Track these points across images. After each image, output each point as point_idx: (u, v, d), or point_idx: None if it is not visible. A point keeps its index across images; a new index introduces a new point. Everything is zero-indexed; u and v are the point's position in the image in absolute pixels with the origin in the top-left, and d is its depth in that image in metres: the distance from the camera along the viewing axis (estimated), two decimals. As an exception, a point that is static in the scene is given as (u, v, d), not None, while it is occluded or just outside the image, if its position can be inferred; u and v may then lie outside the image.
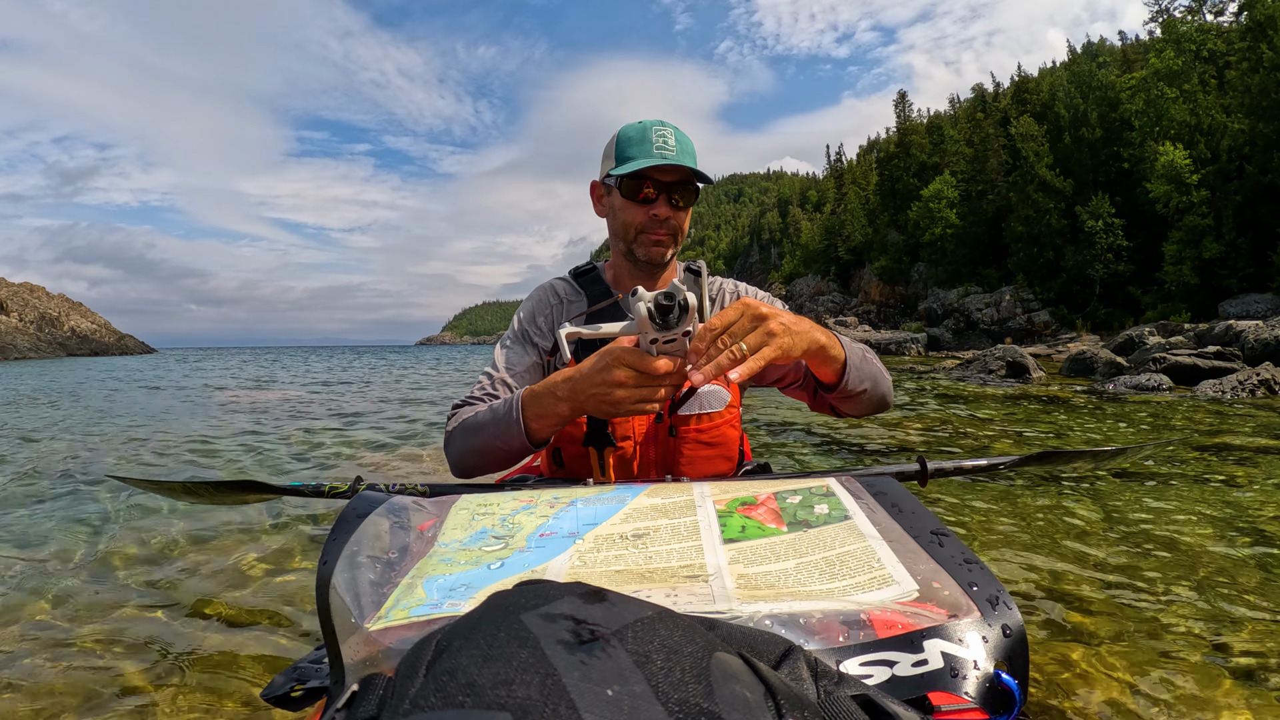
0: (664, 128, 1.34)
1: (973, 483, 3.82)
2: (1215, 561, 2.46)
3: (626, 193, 1.35)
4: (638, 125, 1.36)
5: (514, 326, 1.50)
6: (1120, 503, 3.30)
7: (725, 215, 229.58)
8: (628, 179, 1.33)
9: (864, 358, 1.23)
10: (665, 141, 1.31)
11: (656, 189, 1.33)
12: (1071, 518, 3.04)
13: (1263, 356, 11.84)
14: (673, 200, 1.34)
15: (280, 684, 0.64)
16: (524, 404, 1.17)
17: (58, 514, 3.42)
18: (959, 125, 55.85)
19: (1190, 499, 3.34)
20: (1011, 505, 3.29)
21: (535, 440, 1.19)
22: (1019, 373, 12.41)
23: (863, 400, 1.27)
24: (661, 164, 1.29)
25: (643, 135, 1.33)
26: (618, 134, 1.38)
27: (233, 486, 1.77)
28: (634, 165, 1.29)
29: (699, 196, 1.42)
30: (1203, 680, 1.66)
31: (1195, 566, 2.42)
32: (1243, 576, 2.32)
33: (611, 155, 1.38)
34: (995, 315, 39.80)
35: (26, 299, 77.64)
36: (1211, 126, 33.14)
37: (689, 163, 1.32)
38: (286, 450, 5.68)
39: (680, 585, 0.61)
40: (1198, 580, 2.29)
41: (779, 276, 78.02)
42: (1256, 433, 5.59)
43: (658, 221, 1.35)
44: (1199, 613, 2.05)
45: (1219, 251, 30.63)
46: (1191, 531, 2.81)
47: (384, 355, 60.87)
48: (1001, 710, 0.50)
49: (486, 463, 1.30)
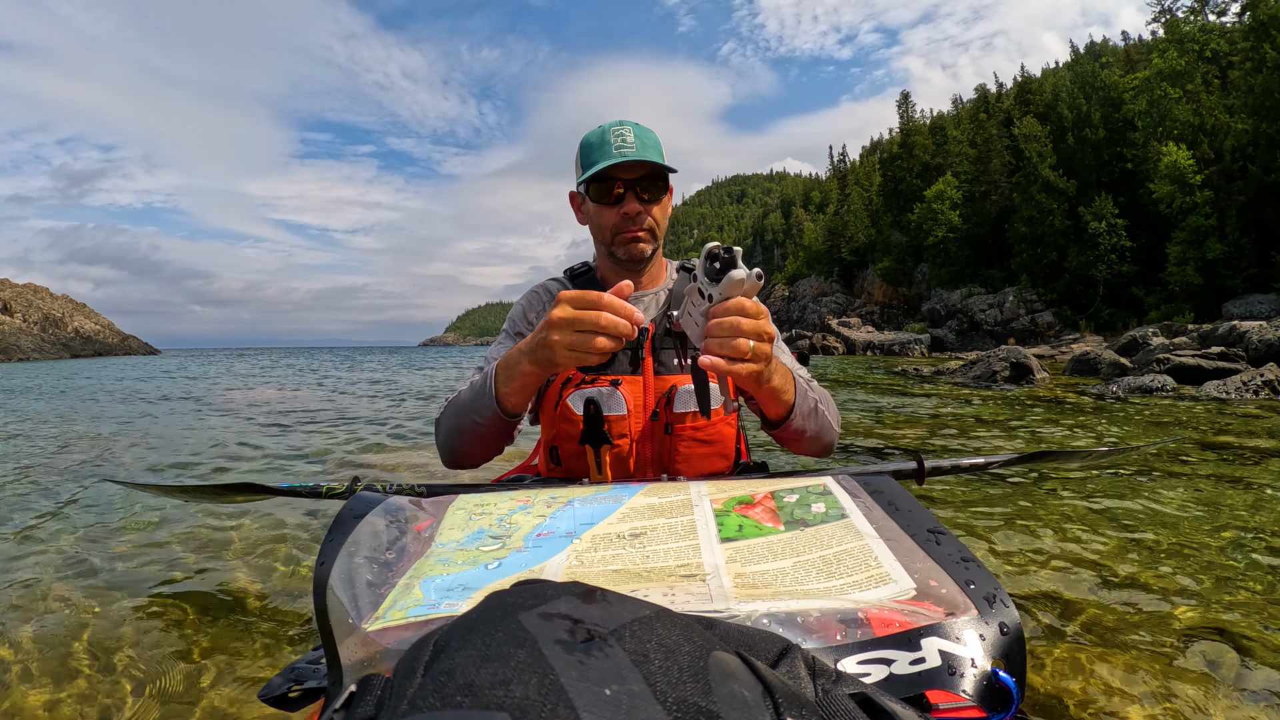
0: (622, 127, 1.37)
1: (970, 481, 3.82)
2: (1218, 562, 2.46)
3: (596, 196, 1.38)
4: (598, 130, 1.39)
5: (507, 326, 1.53)
6: (1120, 502, 3.29)
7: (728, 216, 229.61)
8: (595, 183, 1.36)
9: (815, 410, 1.29)
10: (624, 140, 1.34)
11: (625, 187, 1.35)
12: (1070, 516, 3.03)
13: (1266, 357, 11.79)
14: (642, 196, 1.36)
15: (278, 684, 0.64)
16: (496, 372, 1.20)
17: (51, 516, 3.42)
18: (962, 126, 55.77)
19: (1193, 499, 3.33)
20: (1009, 503, 3.28)
21: (506, 408, 1.19)
22: (1023, 374, 12.39)
23: (804, 444, 1.34)
24: (620, 161, 1.31)
25: (602, 138, 1.36)
26: (581, 141, 1.42)
27: (230, 488, 1.77)
28: (596, 168, 1.33)
29: (697, 193, 1.43)
30: (1203, 681, 1.66)
31: (1197, 567, 2.41)
32: (1245, 578, 2.31)
33: (579, 163, 1.41)
34: (999, 316, 39.73)
35: (30, 300, 77.89)
36: (1215, 127, 33.07)
37: (650, 156, 1.34)
38: (284, 450, 5.68)
39: (678, 584, 0.61)
40: (1199, 581, 2.28)
41: (782, 277, 77.91)
42: (1260, 433, 5.57)
43: (630, 219, 1.37)
44: (1200, 613, 2.04)
45: (1222, 252, 30.55)
46: (1193, 532, 2.80)
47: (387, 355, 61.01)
48: (999, 708, 0.50)
49: (468, 444, 1.31)
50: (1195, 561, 2.47)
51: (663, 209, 1.42)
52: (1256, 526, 2.86)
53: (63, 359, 64.88)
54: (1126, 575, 2.36)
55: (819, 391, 1.36)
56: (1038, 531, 2.86)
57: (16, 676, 1.77)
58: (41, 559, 2.70)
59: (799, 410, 1.23)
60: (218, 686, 1.71)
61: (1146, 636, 1.90)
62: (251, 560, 2.64)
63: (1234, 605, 2.09)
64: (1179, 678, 1.68)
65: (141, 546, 2.82)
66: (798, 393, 1.23)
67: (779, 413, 1.22)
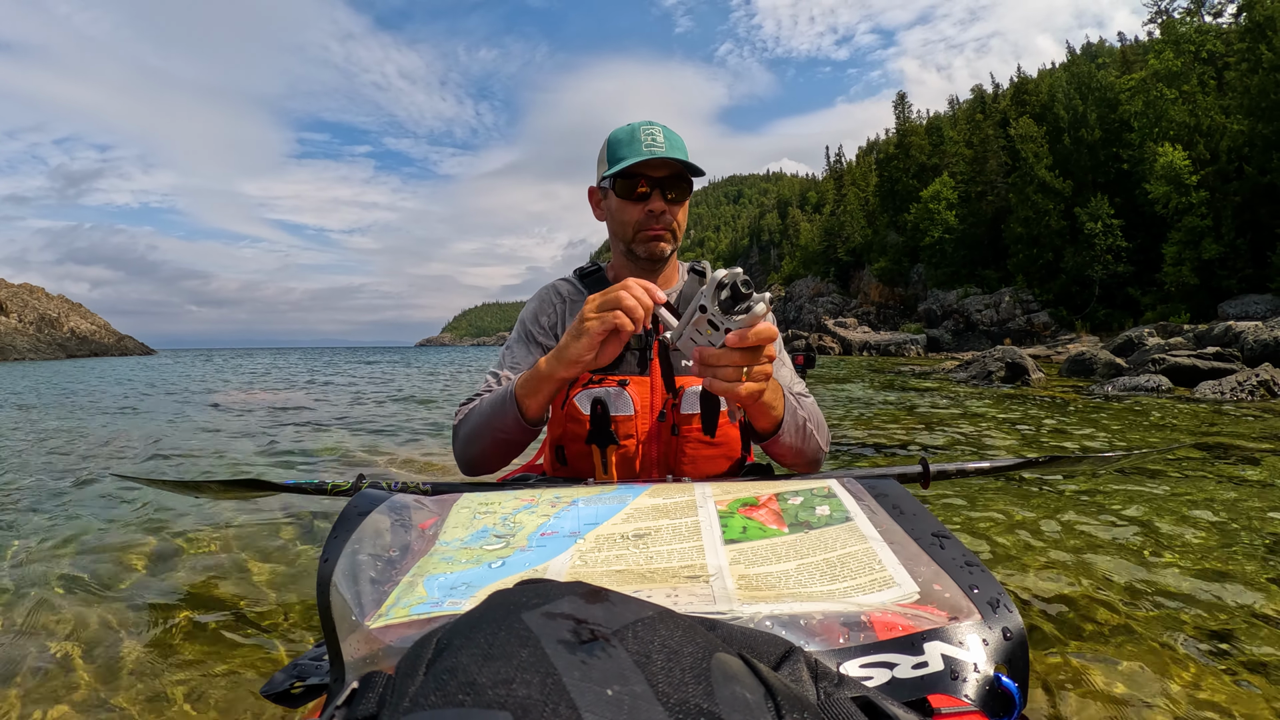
0: (652, 127, 1.37)
1: (975, 485, 3.82)
2: (1221, 564, 2.46)
3: (621, 192, 1.38)
4: (627, 128, 1.39)
5: (518, 328, 1.53)
6: (1122, 505, 3.29)
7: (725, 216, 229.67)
8: (621, 178, 1.36)
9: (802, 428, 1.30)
10: (654, 139, 1.35)
11: (650, 185, 1.35)
12: (1074, 521, 3.04)
13: (1262, 357, 11.84)
14: (667, 195, 1.36)
15: (280, 680, 0.64)
16: (517, 383, 1.22)
17: (58, 510, 3.42)
18: (958, 126, 55.87)
19: (1193, 501, 3.34)
20: (1013, 508, 3.29)
21: (528, 416, 1.22)
22: (1018, 374, 12.41)
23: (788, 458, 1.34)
24: (651, 159, 1.31)
25: (632, 136, 1.36)
26: (608, 138, 1.42)
27: (235, 484, 1.78)
28: (625, 163, 1.33)
29: (694, 194, 1.44)
30: (1207, 685, 1.66)
31: (1199, 569, 2.42)
32: (1248, 579, 2.32)
33: (604, 159, 1.41)
34: (995, 316, 39.80)
35: (26, 300, 77.67)
36: (1211, 127, 33.16)
37: (679, 156, 1.34)
38: (287, 448, 5.68)
39: (681, 585, 0.61)
40: (1202, 583, 2.29)
41: (779, 277, 77.98)
42: (1257, 434, 5.59)
43: (654, 217, 1.37)
44: (1203, 616, 2.04)
45: (1218, 252, 30.62)
46: (1194, 534, 2.81)
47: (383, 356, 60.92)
48: (1002, 713, 0.50)
49: (487, 451, 1.33)
50: (1199, 564, 2.47)
51: (685, 211, 1.42)
52: (1261, 528, 2.87)
53: (58, 359, 64.72)
54: (1130, 579, 2.36)
55: (810, 409, 1.37)
56: (1041, 535, 2.86)
57: (17, 671, 1.76)
58: (44, 554, 2.70)
59: (787, 426, 1.25)
60: (220, 682, 1.71)
61: (1151, 641, 1.90)
62: (255, 556, 2.64)
63: (1239, 608, 2.09)
64: (1184, 682, 1.68)
65: (145, 542, 2.83)
66: (787, 409, 1.25)
67: (766, 426, 1.23)
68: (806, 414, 1.33)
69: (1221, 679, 1.68)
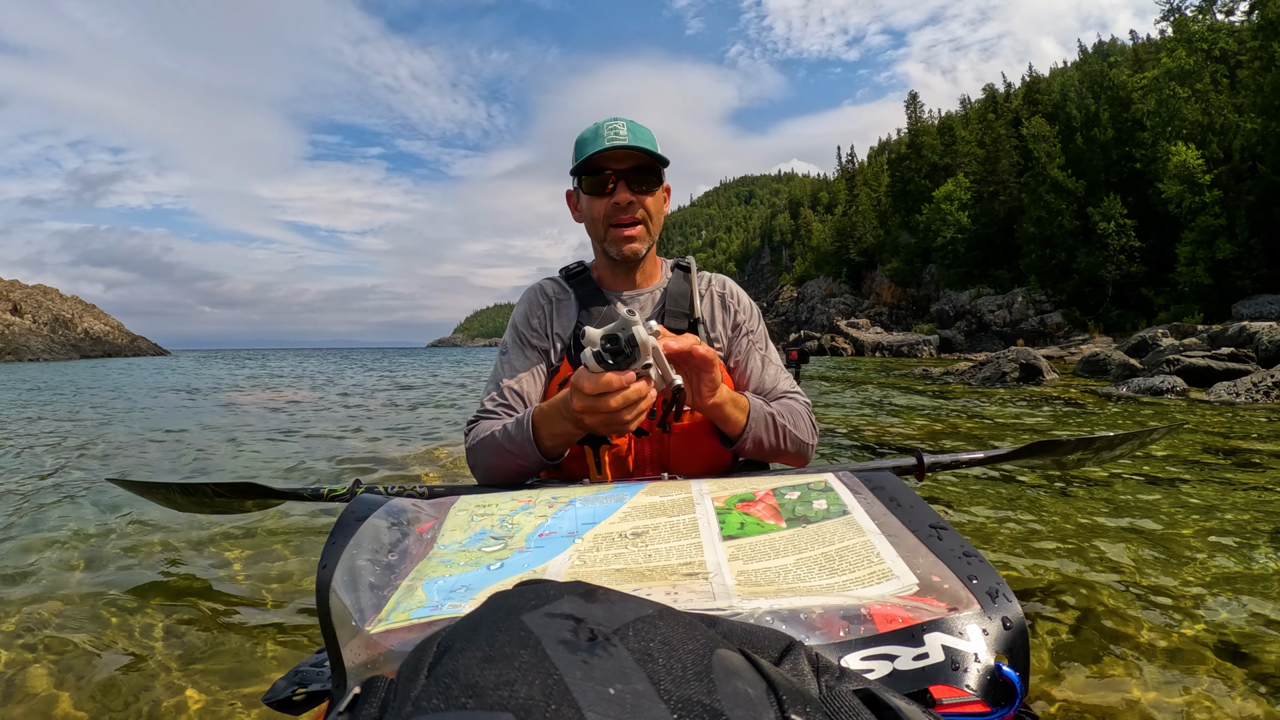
0: (616, 121, 1.37)
1: (972, 476, 3.81)
2: (1224, 561, 2.44)
3: (588, 188, 1.37)
4: (592, 126, 1.39)
5: (510, 333, 1.52)
6: (1127, 500, 3.27)
7: (736, 217, 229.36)
8: (587, 174, 1.36)
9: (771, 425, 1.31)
10: (616, 132, 1.34)
11: (616, 176, 1.34)
12: (1075, 513, 3.02)
13: (1277, 358, 11.70)
14: (633, 186, 1.35)
15: (282, 688, 0.64)
16: (535, 424, 1.21)
17: (56, 516, 3.43)
18: (970, 126, 55.60)
19: (1201, 499, 3.31)
20: (1012, 499, 3.27)
21: (551, 457, 1.24)
22: (1032, 375, 12.32)
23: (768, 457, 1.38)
24: (611, 149, 1.30)
25: (596, 132, 1.35)
26: (577, 138, 1.42)
27: (232, 490, 1.77)
28: (587, 155, 1.32)
29: (705, 194, 1.43)
30: (1209, 676, 1.65)
31: (1203, 565, 2.40)
32: (1252, 577, 2.29)
33: (574, 158, 1.40)
34: (1007, 317, 39.58)
35: (40, 301, 78.41)
36: (1224, 126, 32.87)
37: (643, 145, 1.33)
38: (285, 453, 5.68)
39: (680, 583, 0.61)
40: (1205, 579, 2.27)
41: (790, 278, 77.82)
42: (1271, 435, 5.53)
43: (620, 209, 1.36)
44: (1206, 610, 2.03)
45: (1232, 252, 30.35)
46: (1200, 531, 2.78)
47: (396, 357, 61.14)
48: (1003, 702, 0.50)
49: (511, 477, 1.33)
50: (1203, 561, 2.45)
51: (656, 203, 1.40)
52: (1268, 528, 2.84)
53: (72, 359, 65.27)
54: (1130, 570, 2.35)
55: (788, 406, 1.37)
56: (1040, 525, 2.85)
57: (15, 679, 1.77)
58: (43, 560, 2.71)
59: (749, 435, 1.27)
60: (221, 690, 1.70)
61: (1150, 630, 1.89)
62: (253, 563, 2.64)
63: (1243, 606, 2.07)
64: (1184, 672, 1.67)
65: (142, 548, 2.82)
66: (751, 419, 1.27)
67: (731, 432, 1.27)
68: (780, 411, 1.33)
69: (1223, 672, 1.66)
